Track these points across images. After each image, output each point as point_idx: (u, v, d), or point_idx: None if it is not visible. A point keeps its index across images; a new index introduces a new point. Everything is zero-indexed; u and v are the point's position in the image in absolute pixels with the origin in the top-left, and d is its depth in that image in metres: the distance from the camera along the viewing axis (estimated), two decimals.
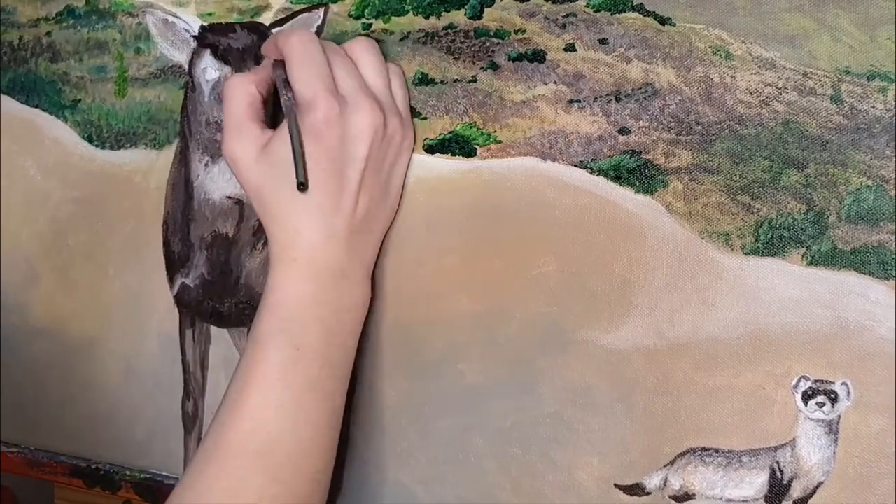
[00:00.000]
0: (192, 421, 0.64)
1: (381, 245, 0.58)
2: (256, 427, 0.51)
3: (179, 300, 0.64)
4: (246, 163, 0.54)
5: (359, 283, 0.56)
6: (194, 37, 0.61)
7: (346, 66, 0.54)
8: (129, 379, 0.65)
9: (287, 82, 0.53)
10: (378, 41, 0.57)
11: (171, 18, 0.62)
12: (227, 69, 0.60)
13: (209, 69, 0.60)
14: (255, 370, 0.52)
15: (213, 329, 0.64)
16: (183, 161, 0.62)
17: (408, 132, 0.57)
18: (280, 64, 0.54)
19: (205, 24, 0.62)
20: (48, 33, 0.66)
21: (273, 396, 0.52)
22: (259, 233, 0.61)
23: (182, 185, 0.62)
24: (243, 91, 0.55)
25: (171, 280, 0.64)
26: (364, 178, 0.53)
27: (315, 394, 0.53)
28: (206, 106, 0.60)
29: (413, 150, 0.58)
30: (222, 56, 0.60)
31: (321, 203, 0.53)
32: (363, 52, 0.55)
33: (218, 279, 0.62)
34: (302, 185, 0.51)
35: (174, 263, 0.64)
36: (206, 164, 0.61)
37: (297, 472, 0.52)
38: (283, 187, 0.52)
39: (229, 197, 0.60)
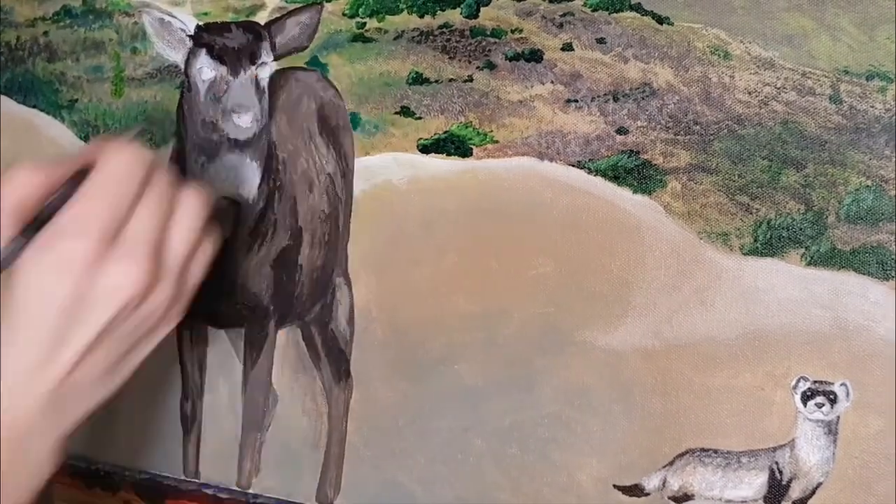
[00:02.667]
0: (190, 422, 0.64)
1: (377, 246, 0.58)
2: None
3: None
4: None
5: (45, 455, 0.44)
6: (190, 36, 0.61)
7: (151, 212, 0.45)
8: (128, 380, 0.65)
9: (51, 215, 0.43)
10: (371, 41, 0.57)
11: (167, 18, 0.62)
12: (223, 68, 0.59)
13: (205, 69, 0.60)
14: None
15: (211, 330, 0.64)
16: (179, 161, 0.62)
17: (176, 308, 0.48)
18: (79, 176, 0.45)
19: (201, 23, 0.61)
20: (45, 33, 0.66)
21: None
22: (256, 234, 0.61)
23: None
24: (21, 184, 0.44)
25: None
26: (94, 345, 0.44)
27: None
28: (202, 106, 0.60)
29: (176, 322, 0.48)
30: (218, 55, 0.60)
31: (26, 352, 0.43)
32: (183, 209, 0.46)
33: (214, 280, 0.62)
34: None
35: None
36: (203, 165, 0.60)
37: None
38: None
39: (225, 198, 0.60)
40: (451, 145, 0.57)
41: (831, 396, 0.51)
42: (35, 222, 0.44)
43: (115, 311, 0.43)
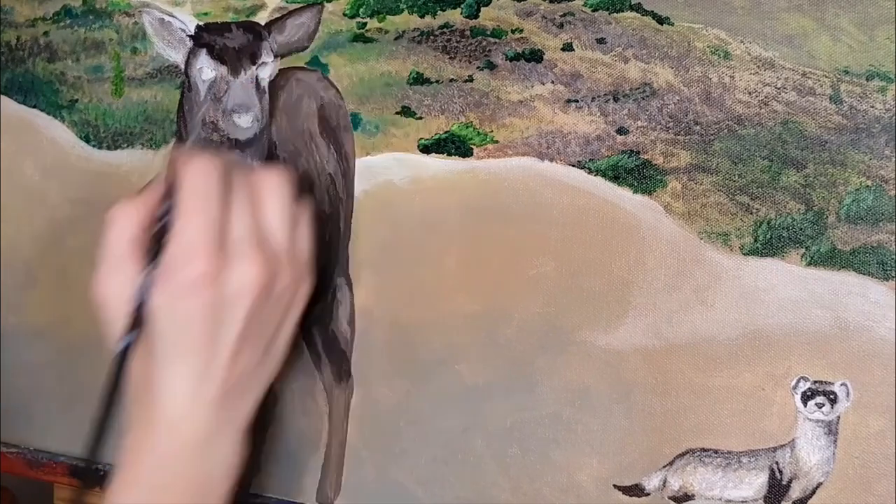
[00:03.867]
0: None
1: (378, 246, 0.58)
2: None
3: None
4: (117, 305, 0.47)
5: (229, 448, 0.49)
6: (190, 36, 0.61)
7: (243, 208, 0.48)
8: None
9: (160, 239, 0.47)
10: (372, 41, 0.57)
11: (167, 18, 0.62)
12: (224, 68, 0.60)
13: (205, 69, 0.60)
14: None
15: None
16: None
17: (302, 284, 0.51)
18: (171, 197, 0.48)
19: (201, 23, 0.61)
20: (45, 33, 0.66)
21: None
22: None
23: None
24: (127, 223, 0.48)
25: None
26: (242, 341, 0.47)
27: None
28: (203, 106, 0.60)
29: (305, 300, 0.52)
30: (218, 55, 0.60)
31: (189, 368, 0.47)
32: (269, 194, 0.49)
33: None
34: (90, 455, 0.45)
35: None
36: None
37: None
38: (144, 355, 0.47)
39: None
40: (452, 145, 0.57)
41: (831, 396, 0.51)
42: (150, 253, 0.47)
43: (249, 306, 0.47)
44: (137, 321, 0.46)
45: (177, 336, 0.46)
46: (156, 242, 0.47)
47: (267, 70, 0.59)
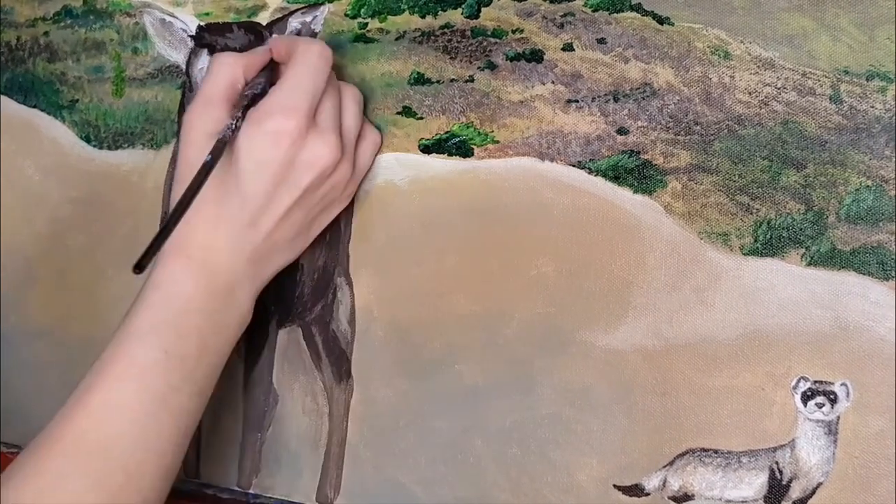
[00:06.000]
0: None
1: (378, 246, 0.58)
2: (94, 426, 0.48)
3: None
4: (197, 139, 0.52)
5: (244, 304, 0.54)
6: (191, 36, 0.61)
7: (333, 100, 0.53)
8: None
9: (255, 98, 0.52)
10: (372, 41, 0.57)
11: (168, 18, 0.62)
12: None
13: (206, 69, 0.60)
14: (113, 366, 0.49)
15: None
16: None
17: (350, 186, 0.57)
18: (273, 68, 0.54)
19: (202, 23, 0.62)
20: (46, 33, 0.66)
21: (122, 397, 0.48)
22: None
23: None
24: (229, 70, 0.53)
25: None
26: (293, 207, 0.53)
27: (169, 406, 0.50)
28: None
29: (351, 199, 0.58)
30: None
31: (240, 212, 0.52)
32: (350, 100, 0.55)
33: None
34: (137, 269, 0.45)
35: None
36: None
37: (128, 484, 0.47)
38: (213, 181, 0.50)
39: None
40: (453, 145, 0.57)
41: (831, 396, 0.51)
42: (240, 103, 0.52)
43: (313, 177, 0.52)
44: (218, 151, 0.50)
45: (247, 179, 0.51)
46: (250, 97, 0.52)
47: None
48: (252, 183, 0.51)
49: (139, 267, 0.45)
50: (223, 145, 0.50)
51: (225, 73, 0.53)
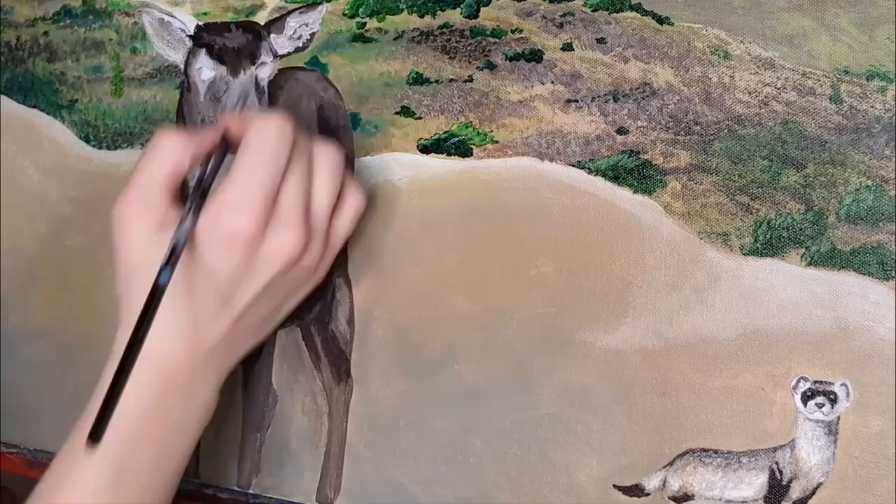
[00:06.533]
0: None
1: (377, 246, 0.58)
2: None
3: None
4: (136, 237, 0.48)
5: (208, 396, 0.50)
6: (190, 36, 0.61)
7: (298, 177, 0.48)
8: None
9: (204, 193, 0.47)
10: (371, 41, 0.57)
11: (167, 18, 0.62)
12: (223, 68, 0.60)
13: (205, 69, 0.60)
14: (64, 491, 0.46)
15: None
16: None
17: (324, 262, 0.52)
18: (225, 146, 0.49)
19: (200, 23, 0.61)
20: (45, 33, 0.66)
21: None
22: None
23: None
24: (172, 157, 0.48)
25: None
26: (258, 298, 0.49)
27: None
28: (202, 106, 0.60)
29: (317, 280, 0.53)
30: (218, 55, 0.60)
31: (198, 312, 0.48)
32: (323, 168, 0.50)
33: None
34: (91, 439, 0.42)
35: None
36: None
37: None
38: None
39: None
40: (452, 145, 0.57)
41: (831, 396, 0.51)
42: (191, 202, 0.47)
43: (275, 272, 0.48)
44: (174, 259, 0.45)
45: (202, 281, 0.47)
46: (194, 197, 0.47)
47: (266, 70, 0.59)
48: (208, 286, 0.47)
49: (94, 438, 0.42)
50: (177, 259, 0.45)
51: (167, 160, 0.48)
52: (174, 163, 0.48)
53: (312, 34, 0.59)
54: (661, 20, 0.53)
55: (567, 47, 0.55)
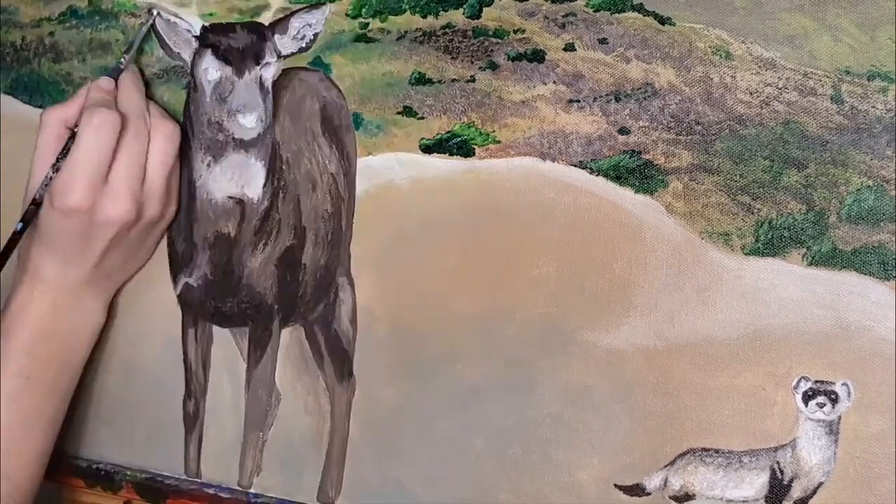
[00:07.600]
0: (192, 421, 0.64)
1: (380, 246, 0.59)
2: None
3: (183, 299, 0.64)
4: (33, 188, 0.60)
5: (94, 311, 0.63)
6: (196, 37, 0.61)
7: (130, 152, 0.58)
8: (130, 379, 0.65)
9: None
10: (374, 41, 0.57)
11: (173, 19, 0.62)
12: (228, 69, 0.60)
13: (210, 69, 0.60)
14: None
15: (216, 329, 0.64)
16: (185, 161, 0.62)
17: (168, 209, 0.62)
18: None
19: (206, 24, 0.62)
20: (51, 33, 0.67)
21: None
22: (261, 233, 0.61)
23: (185, 185, 0.62)
24: (53, 127, 0.60)
25: (175, 279, 0.64)
26: (105, 252, 0.59)
27: (38, 422, 0.60)
28: (208, 106, 0.60)
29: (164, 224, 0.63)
30: (223, 56, 0.60)
31: (62, 256, 0.59)
32: (157, 141, 0.59)
33: (220, 279, 0.62)
34: None
35: (178, 263, 0.64)
36: (209, 164, 0.61)
37: (8, 485, 0.57)
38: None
39: (231, 197, 0.60)
40: (454, 145, 0.57)
41: (832, 396, 0.51)
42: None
43: (113, 233, 0.58)
44: (32, 213, 0.59)
45: (53, 240, 0.58)
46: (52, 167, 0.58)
47: (270, 70, 0.60)
48: (63, 242, 0.58)
49: None
50: (29, 217, 0.59)
51: (49, 128, 0.60)
52: (55, 129, 0.60)
53: (316, 34, 0.60)
54: (662, 20, 0.53)
55: (569, 47, 0.55)
